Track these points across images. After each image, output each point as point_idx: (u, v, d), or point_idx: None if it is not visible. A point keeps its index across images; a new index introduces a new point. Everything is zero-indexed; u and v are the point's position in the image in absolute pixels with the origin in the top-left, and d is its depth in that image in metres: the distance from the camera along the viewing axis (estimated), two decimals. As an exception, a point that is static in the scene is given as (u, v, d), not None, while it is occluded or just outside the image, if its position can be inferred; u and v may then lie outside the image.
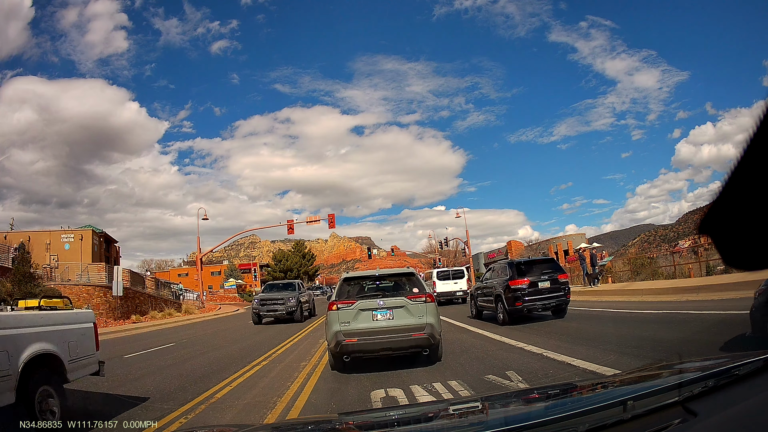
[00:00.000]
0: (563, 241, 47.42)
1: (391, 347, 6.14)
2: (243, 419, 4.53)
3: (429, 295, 6.46)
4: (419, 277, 6.95)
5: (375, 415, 2.52)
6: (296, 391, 5.43)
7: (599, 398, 1.65)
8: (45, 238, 37.61)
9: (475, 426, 1.77)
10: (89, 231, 40.08)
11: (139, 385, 6.43)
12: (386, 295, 6.55)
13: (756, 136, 0.81)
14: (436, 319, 6.34)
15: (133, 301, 25.74)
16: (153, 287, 31.95)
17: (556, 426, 1.35)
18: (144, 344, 12.55)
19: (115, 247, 50.35)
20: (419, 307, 6.24)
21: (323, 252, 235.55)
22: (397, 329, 6.10)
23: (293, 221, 38.87)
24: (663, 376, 1.71)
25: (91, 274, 24.61)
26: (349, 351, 6.14)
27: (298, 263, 67.70)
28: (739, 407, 1.16)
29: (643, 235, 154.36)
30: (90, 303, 21.63)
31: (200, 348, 11.00)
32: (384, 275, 7.01)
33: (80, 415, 4.76)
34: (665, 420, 1.27)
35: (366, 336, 6.08)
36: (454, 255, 60.43)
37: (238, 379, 6.50)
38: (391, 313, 6.20)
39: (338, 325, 6.16)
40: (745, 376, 1.32)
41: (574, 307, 13.39)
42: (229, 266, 69.58)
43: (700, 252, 19.26)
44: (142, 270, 49.54)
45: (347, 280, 6.96)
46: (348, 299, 6.41)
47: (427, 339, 6.12)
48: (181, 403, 5.16)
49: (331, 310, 6.32)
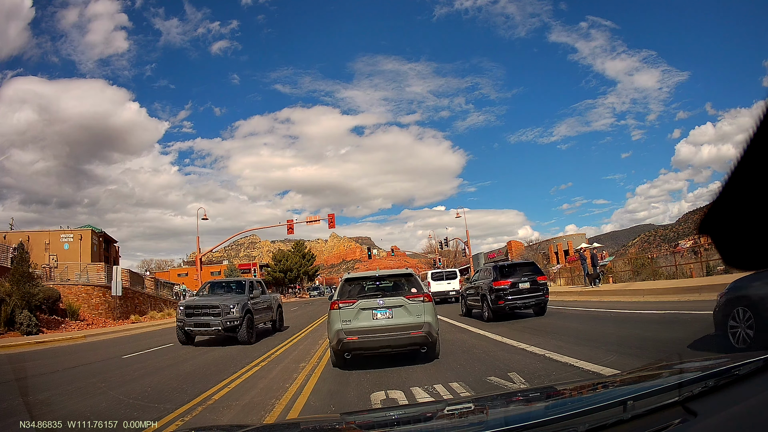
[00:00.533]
0: (563, 241, 47.15)
1: (390, 345, 6.38)
2: (242, 420, 4.52)
3: (427, 295, 6.66)
4: (417, 278, 7.16)
5: (375, 415, 2.52)
6: (293, 396, 5.39)
7: (599, 398, 1.64)
8: (44, 238, 37.41)
9: (475, 426, 1.77)
10: (88, 231, 39.86)
11: (137, 386, 6.41)
12: (386, 294, 6.78)
13: (756, 136, 0.81)
14: (434, 318, 6.57)
15: (132, 301, 25.58)
16: (152, 287, 31.86)
17: (556, 426, 1.35)
18: (142, 344, 12.44)
19: (115, 247, 50.03)
20: (417, 307, 6.48)
21: (323, 252, 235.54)
22: (396, 327, 6.34)
23: (293, 221, 38.29)
24: (663, 376, 1.71)
25: (91, 274, 24.53)
26: (350, 348, 6.38)
27: (298, 263, 67.55)
28: (739, 407, 1.16)
29: (643, 235, 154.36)
30: (89, 303, 21.77)
31: (196, 349, 10.70)
32: (383, 276, 7.22)
33: (80, 415, 4.78)
34: (665, 420, 1.27)
35: (366, 334, 6.32)
36: (454, 255, 60.28)
37: (236, 381, 6.49)
38: (390, 312, 6.44)
39: (340, 324, 6.39)
40: (745, 376, 1.32)
41: (575, 308, 13.42)
42: (228, 266, 69.21)
43: (700, 252, 19.28)
44: (141, 270, 49.34)
45: (348, 280, 7.14)
46: (349, 299, 6.63)
47: (425, 337, 6.38)
48: (179, 404, 5.15)
49: (333, 309, 6.57)
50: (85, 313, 20.84)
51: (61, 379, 7.24)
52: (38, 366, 8.88)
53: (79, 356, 10.63)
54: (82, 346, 13.61)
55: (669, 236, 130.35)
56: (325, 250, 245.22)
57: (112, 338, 15.78)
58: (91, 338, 15.57)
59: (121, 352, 10.79)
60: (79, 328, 18.04)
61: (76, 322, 18.91)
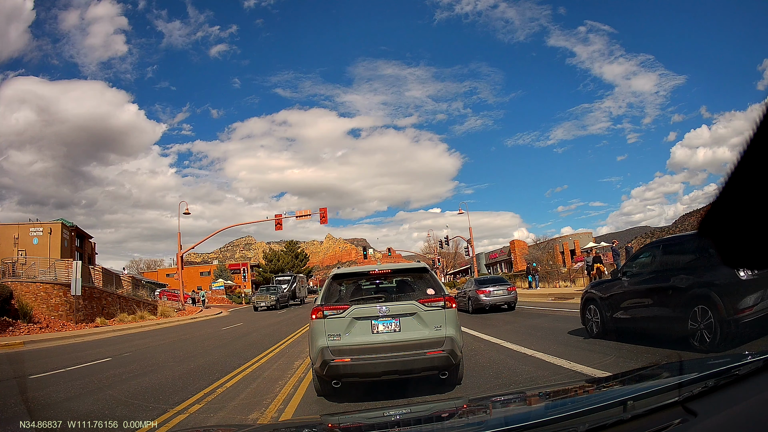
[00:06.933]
0: (569, 240, 46.31)
1: (397, 369, 4.52)
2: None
3: (449, 298, 4.81)
4: (434, 275, 5.29)
5: (372, 415, 2.44)
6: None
7: (599, 398, 1.65)
8: (13, 232, 35.09)
9: (475, 426, 1.77)
10: (59, 224, 37.03)
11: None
12: (391, 298, 5.04)
13: (756, 136, 0.81)
14: (457, 330, 4.76)
15: (100, 302, 23.01)
16: (129, 288, 29.98)
17: (556, 426, 1.35)
18: (77, 357, 10.06)
19: (90, 243, 46.77)
20: (436, 315, 4.66)
21: (318, 253, 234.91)
22: (407, 345, 4.52)
23: (281, 216, 36.25)
24: (663, 376, 1.72)
25: (59, 271, 22.13)
26: (339, 374, 4.56)
27: (290, 263, 66.37)
28: (739, 407, 1.17)
29: (639, 237, 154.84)
30: (48, 303, 19.43)
31: (134, 368, 8.25)
32: (387, 271, 5.30)
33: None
34: (665, 420, 1.28)
35: (363, 354, 4.50)
36: (453, 255, 59.77)
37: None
38: (397, 323, 4.62)
39: (324, 339, 4.56)
40: (745, 376, 1.32)
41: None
42: (218, 266, 68.18)
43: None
44: (131, 270, 48.12)
45: (338, 277, 5.25)
46: (339, 303, 4.85)
47: (447, 358, 4.52)
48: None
49: (315, 318, 4.70)
50: (42, 314, 18.57)
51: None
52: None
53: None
54: (13, 355, 11.39)
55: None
56: (320, 251, 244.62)
57: (59, 345, 13.54)
58: (33, 345, 13.30)
59: (40, 368, 8.43)
60: (29, 332, 15.98)
61: (29, 325, 16.79)
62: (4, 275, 21.23)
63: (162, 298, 33.31)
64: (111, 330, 18.53)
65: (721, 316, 5.15)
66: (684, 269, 5.84)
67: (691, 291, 5.55)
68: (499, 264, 55.26)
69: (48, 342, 14.46)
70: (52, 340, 14.95)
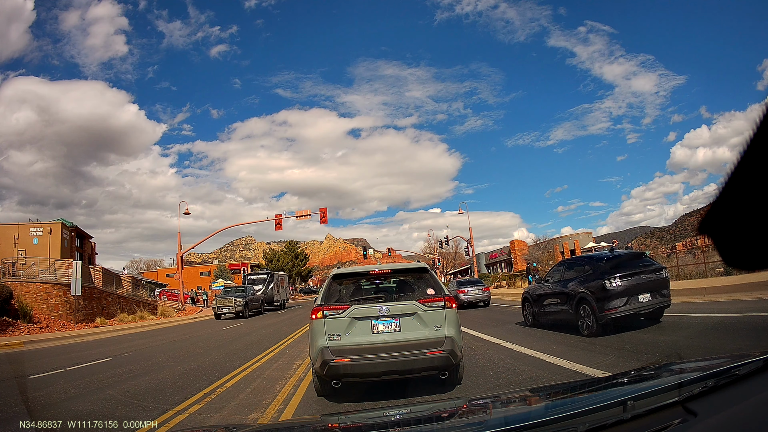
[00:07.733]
0: (570, 240, 46.39)
1: (397, 369, 4.63)
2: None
3: (449, 298, 4.92)
4: (434, 275, 5.40)
5: (372, 415, 2.43)
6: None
7: (599, 398, 1.65)
8: (13, 232, 35.23)
9: (475, 426, 1.77)
10: (59, 224, 37.20)
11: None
12: (391, 298, 5.14)
13: (756, 136, 0.81)
14: (458, 330, 4.87)
15: (100, 302, 23.13)
16: (129, 288, 30.00)
17: (556, 426, 1.35)
18: (77, 357, 10.14)
19: (90, 243, 46.97)
20: (436, 315, 4.77)
21: (318, 253, 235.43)
22: (407, 345, 4.62)
23: (281, 216, 36.08)
24: (663, 376, 1.72)
25: (59, 271, 22.25)
26: (339, 374, 4.66)
27: (290, 263, 66.14)
28: (739, 407, 1.17)
29: (639, 237, 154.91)
30: (48, 303, 19.54)
31: (134, 368, 8.26)
32: (388, 271, 5.45)
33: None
34: (665, 420, 1.28)
35: (363, 354, 4.61)
36: (453, 255, 59.75)
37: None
38: (397, 323, 4.72)
39: (324, 339, 4.68)
40: (745, 376, 1.32)
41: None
42: (218, 266, 68.16)
43: (699, 253, 19.31)
44: (136, 270, 48.35)
45: (338, 277, 5.37)
46: (339, 303, 4.96)
47: (447, 358, 4.64)
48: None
49: (315, 318, 4.83)
50: (42, 314, 18.71)
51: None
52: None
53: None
54: (12, 355, 11.53)
55: (666, 238, 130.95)
56: (320, 251, 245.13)
57: (59, 345, 13.58)
58: (33, 345, 13.39)
59: (39, 368, 8.52)
60: (29, 332, 16.08)
61: (29, 325, 16.93)
62: (4, 275, 21.26)
63: (162, 298, 33.14)
64: (111, 330, 18.56)
65: (595, 313, 7.67)
66: (576, 280, 8.46)
67: (578, 295, 8.17)
68: (499, 264, 55.23)
69: (48, 342, 14.50)
70: (52, 340, 14.89)
